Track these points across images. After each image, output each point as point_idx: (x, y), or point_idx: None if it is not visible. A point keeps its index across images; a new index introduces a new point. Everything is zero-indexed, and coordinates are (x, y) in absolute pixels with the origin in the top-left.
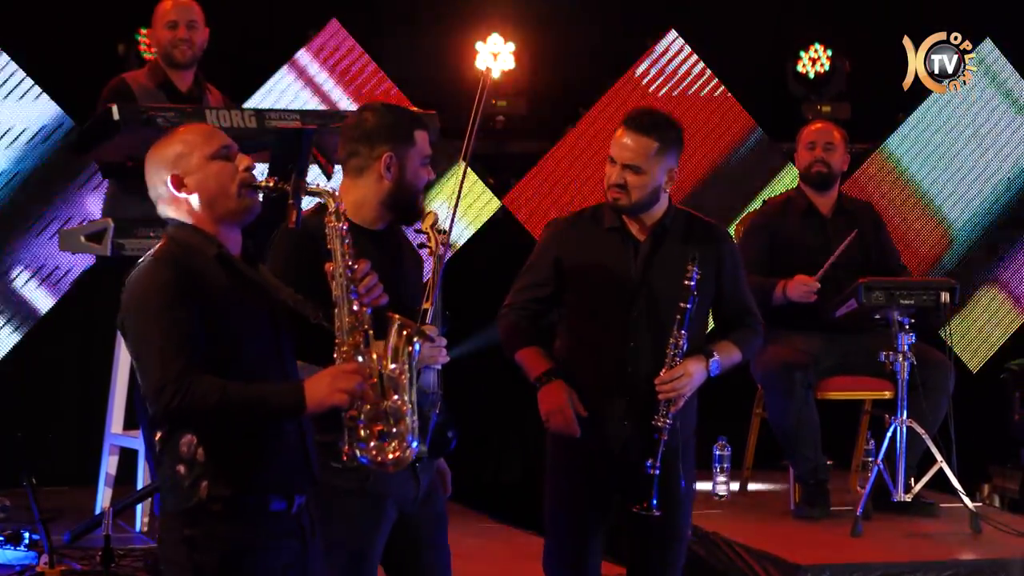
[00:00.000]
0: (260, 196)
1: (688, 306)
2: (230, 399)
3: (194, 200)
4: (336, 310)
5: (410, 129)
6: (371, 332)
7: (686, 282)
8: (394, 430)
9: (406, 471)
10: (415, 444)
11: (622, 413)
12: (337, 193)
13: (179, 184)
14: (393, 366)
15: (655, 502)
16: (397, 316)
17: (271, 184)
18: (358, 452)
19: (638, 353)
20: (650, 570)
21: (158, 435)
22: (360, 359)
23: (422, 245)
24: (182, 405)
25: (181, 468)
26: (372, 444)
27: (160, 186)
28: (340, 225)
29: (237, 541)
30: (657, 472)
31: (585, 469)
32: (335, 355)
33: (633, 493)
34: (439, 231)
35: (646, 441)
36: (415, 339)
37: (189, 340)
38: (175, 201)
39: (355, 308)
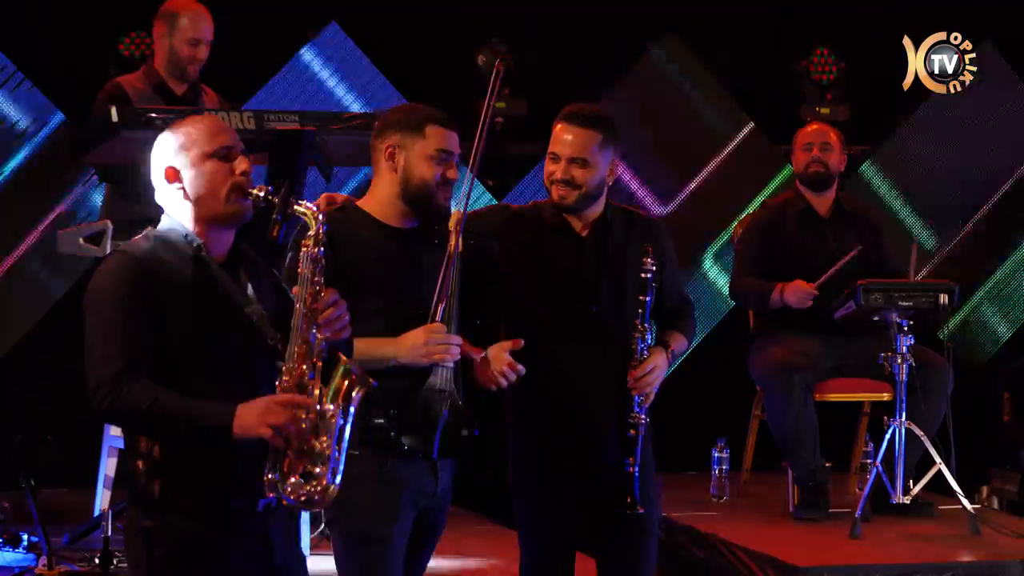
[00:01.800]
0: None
1: (648, 298)
2: (157, 410)
3: (184, 195)
4: (291, 334)
5: (421, 123)
6: (319, 365)
7: (643, 275)
8: (316, 471)
9: (424, 465)
10: (337, 481)
11: (594, 414)
12: (322, 216)
13: (173, 176)
14: (330, 407)
15: (639, 499)
16: (345, 359)
17: (260, 194)
18: (278, 485)
19: (602, 352)
20: (627, 567)
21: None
22: (301, 393)
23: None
24: (112, 408)
25: (140, 464)
26: (292, 480)
27: (157, 171)
28: (316, 250)
29: (191, 536)
30: (636, 470)
31: (557, 481)
32: (276, 382)
33: (611, 493)
34: (465, 232)
35: (621, 439)
36: (357, 388)
37: (131, 341)
38: (167, 192)
39: (310, 338)
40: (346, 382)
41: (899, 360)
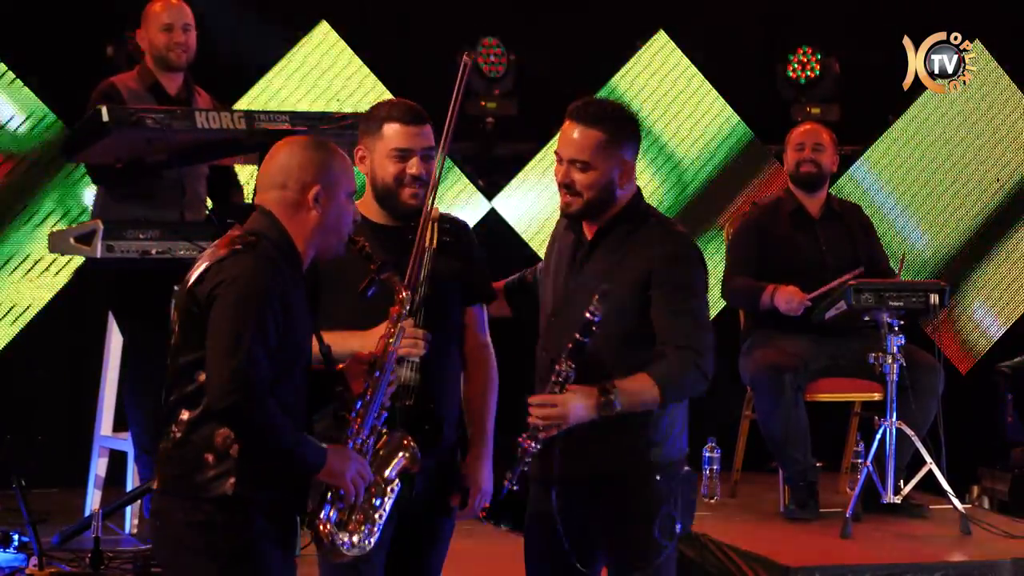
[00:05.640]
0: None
1: (585, 340)
2: (280, 431)
3: (316, 219)
4: (366, 397)
5: (380, 123)
6: (383, 431)
7: (587, 315)
8: (361, 529)
9: None
10: (373, 541)
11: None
12: (407, 295)
13: (317, 200)
14: (393, 481)
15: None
16: (410, 439)
17: (366, 249)
18: (334, 530)
19: (541, 365)
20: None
21: (186, 414)
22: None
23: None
24: (244, 411)
25: (210, 457)
26: (344, 531)
27: (295, 182)
28: (403, 325)
29: (255, 532)
30: (516, 488)
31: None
32: (349, 428)
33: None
34: (445, 224)
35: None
36: (410, 466)
37: (269, 353)
38: (297, 206)
39: (384, 406)
40: (402, 456)
41: (890, 360)
